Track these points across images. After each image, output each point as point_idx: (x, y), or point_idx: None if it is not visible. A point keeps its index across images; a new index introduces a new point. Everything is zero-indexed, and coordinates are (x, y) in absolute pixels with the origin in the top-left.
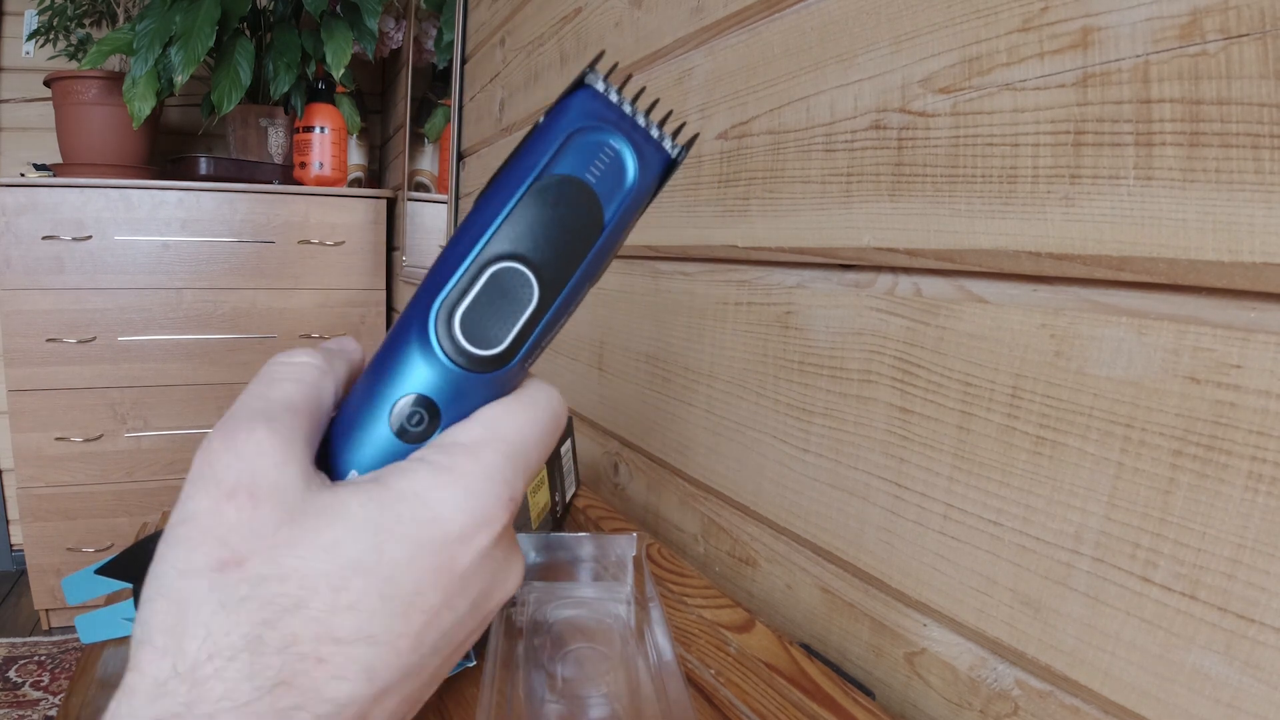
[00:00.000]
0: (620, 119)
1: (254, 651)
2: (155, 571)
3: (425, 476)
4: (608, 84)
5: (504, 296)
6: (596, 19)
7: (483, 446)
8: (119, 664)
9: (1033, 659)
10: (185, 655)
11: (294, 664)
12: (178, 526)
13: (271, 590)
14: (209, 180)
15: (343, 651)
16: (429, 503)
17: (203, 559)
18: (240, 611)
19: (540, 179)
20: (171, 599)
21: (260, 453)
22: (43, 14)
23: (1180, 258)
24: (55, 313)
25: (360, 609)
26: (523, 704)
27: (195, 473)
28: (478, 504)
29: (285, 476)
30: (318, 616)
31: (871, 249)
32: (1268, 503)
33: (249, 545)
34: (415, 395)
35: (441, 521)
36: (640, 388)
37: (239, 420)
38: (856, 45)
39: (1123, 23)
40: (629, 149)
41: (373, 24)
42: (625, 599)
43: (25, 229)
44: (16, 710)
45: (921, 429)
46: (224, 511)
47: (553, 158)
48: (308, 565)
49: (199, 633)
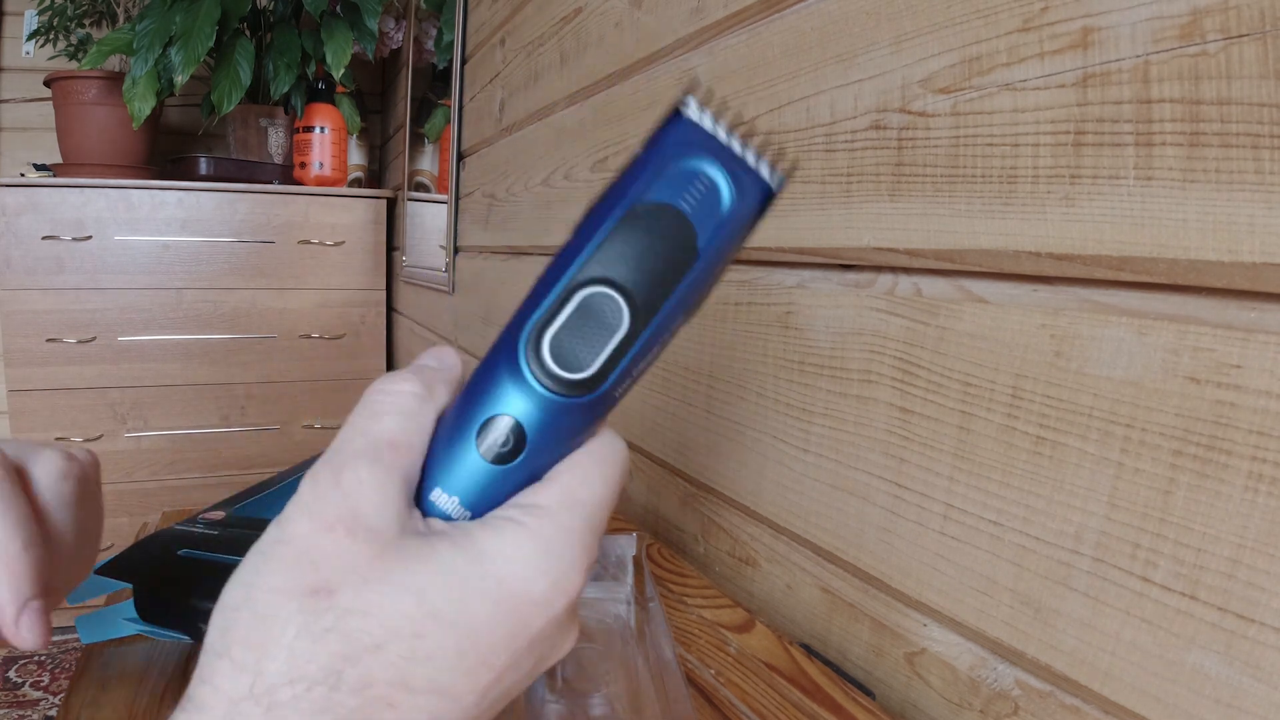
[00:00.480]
0: (716, 146)
1: (331, 686)
2: (244, 582)
3: (512, 537)
4: (703, 111)
5: (593, 321)
6: (596, 19)
7: (564, 511)
8: (119, 664)
9: (1033, 659)
10: (264, 676)
11: (366, 706)
12: (275, 545)
13: (355, 625)
14: (209, 180)
15: (412, 700)
16: (515, 563)
17: (295, 580)
18: (323, 641)
19: (634, 206)
20: (258, 613)
21: (362, 491)
22: (43, 14)
23: (1180, 258)
24: (55, 313)
25: (436, 660)
26: (523, 704)
27: (301, 498)
28: (560, 570)
29: (383, 517)
30: (395, 662)
31: (871, 249)
32: (1268, 503)
33: (341, 577)
34: (503, 416)
35: (526, 586)
36: (640, 388)
37: (345, 457)
38: (856, 45)
39: (1123, 23)
40: (724, 176)
41: (373, 24)
42: (625, 599)
43: (25, 229)
44: (16, 710)
45: (921, 429)
46: (321, 541)
47: (647, 186)
48: (392, 606)
49: (280, 654)
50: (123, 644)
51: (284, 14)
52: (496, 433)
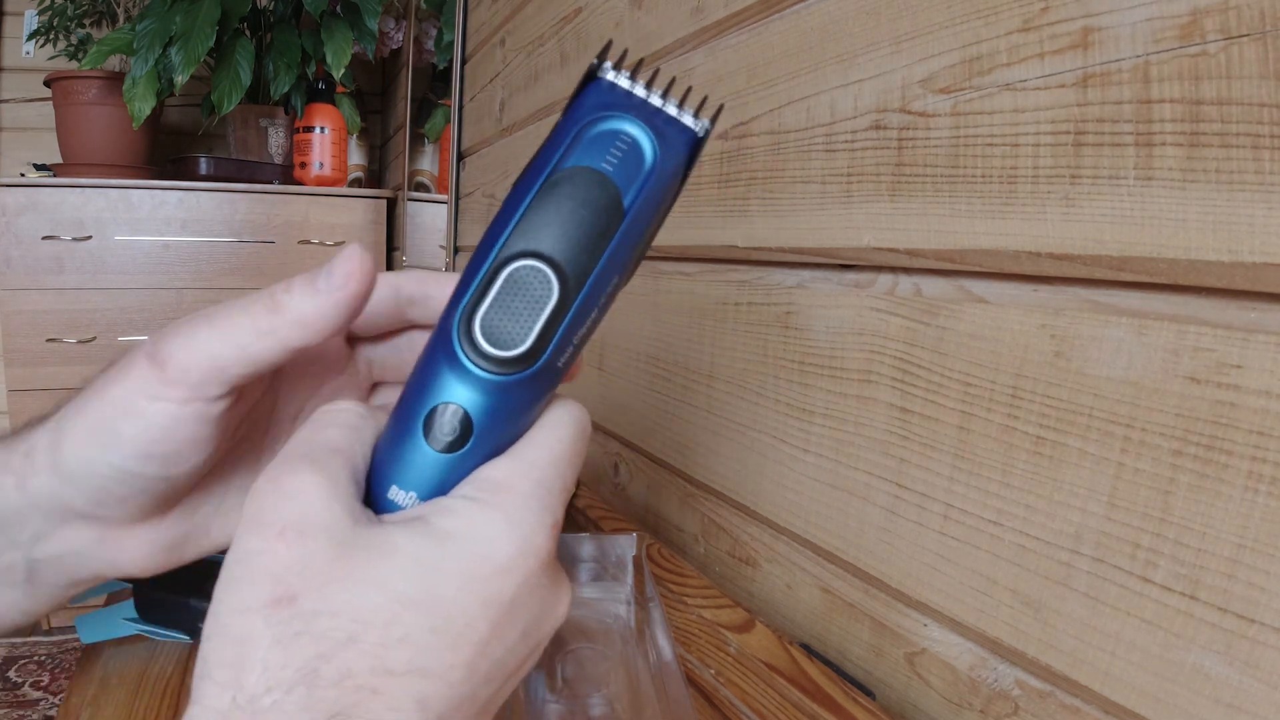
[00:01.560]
0: (633, 103)
1: (310, 684)
2: (214, 610)
3: (466, 512)
4: (617, 71)
5: (521, 295)
6: (596, 19)
7: (517, 477)
8: (119, 664)
9: (1033, 659)
10: (244, 689)
11: (349, 696)
12: (232, 567)
13: (324, 625)
14: (209, 180)
15: (396, 683)
16: (473, 537)
17: (257, 597)
18: (294, 646)
19: (553, 174)
20: (228, 636)
21: (305, 492)
22: (43, 14)
23: (1180, 258)
24: (55, 313)
25: (412, 642)
26: (523, 704)
27: (246, 515)
28: (520, 533)
29: (331, 514)
30: (371, 650)
31: (871, 249)
32: (1268, 503)
33: (302, 582)
34: (447, 405)
35: (487, 554)
36: (640, 388)
37: (284, 463)
38: (856, 45)
39: (1123, 23)
40: (645, 131)
41: (373, 24)
42: (625, 599)
43: (25, 229)
44: (16, 710)
45: (921, 429)
46: (275, 550)
47: (565, 152)
48: (359, 600)
49: (256, 667)
50: (123, 644)
51: (284, 14)
52: (442, 422)
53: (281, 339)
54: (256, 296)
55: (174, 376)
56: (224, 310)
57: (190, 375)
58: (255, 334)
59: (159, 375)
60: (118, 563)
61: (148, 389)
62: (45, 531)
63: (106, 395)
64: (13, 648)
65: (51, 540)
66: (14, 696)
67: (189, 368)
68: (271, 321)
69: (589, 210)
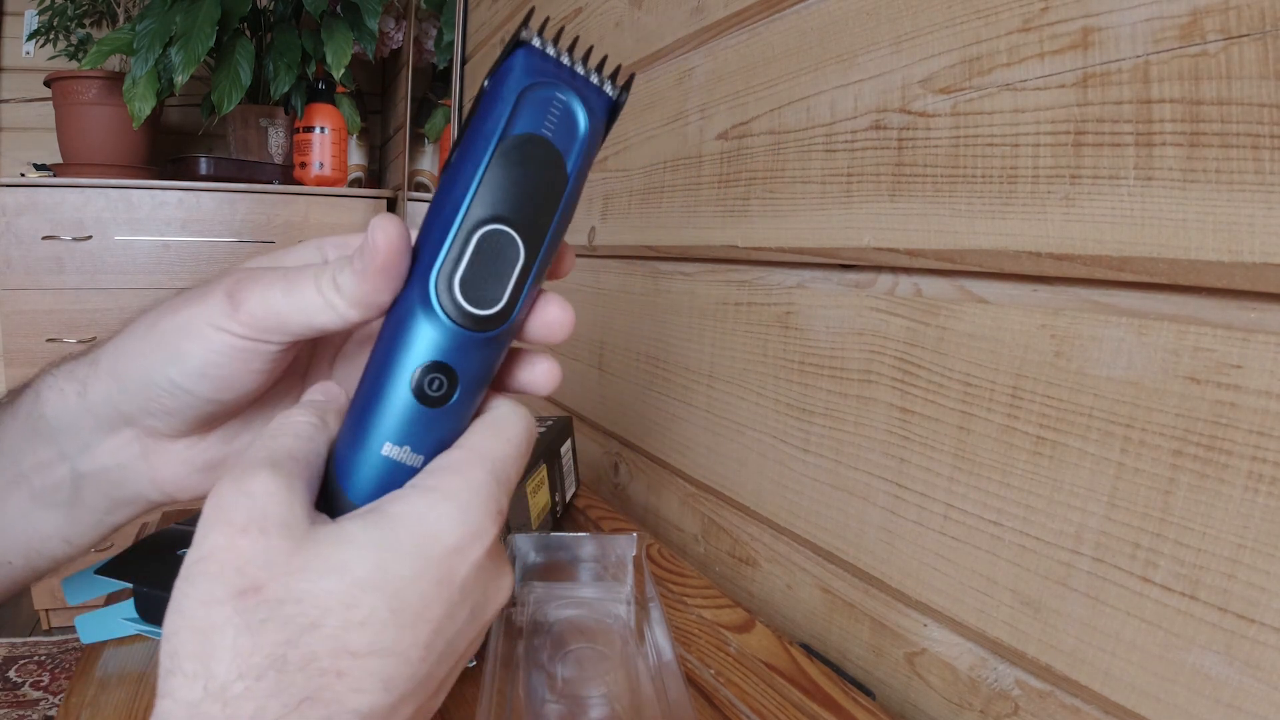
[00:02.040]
0: (562, 71)
1: (279, 670)
2: (177, 607)
3: (419, 499)
4: (544, 39)
5: (495, 258)
6: (596, 19)
7: (468, 466)
8: (119, 664)
9: (1033, 659)
10: (215, 677)
11: (316, 679)
12: (195, 564)
13: (289, 611)
14: (209, 180)
15: (359, 664)
16: (426, 521)
17: (223, 589)
18: (262, 633)
19: (503, 140)
20: (196, 628)
21: (267, 492)
22: (43, 14)
23: (1180, 258)
24: (55, 313)
25: (371, 624)
26: (523, 704)
27: (208, 516)
28: (470, 518)
29: (291, 512)
30: (333, 633)
31: (871, 249)
32: (1268, 503)
33: (265, 573)
34: (431, 362)
35: (439, 537)
36: (640, 388)
37: (245, 466)
38: (857, 45)
39: (1123, 23)
40: (576, 99)
41: (373, 24)
42: (625, 599)
43: (25, 229)
44: (16, 710)
45: (922, 429)
46: (239, 546)
47: (510, 118)
48: (319, 587)
49: (225, 655)
50: (123, 644)
51: (284, 14)
52: (429, 378)
53: (342, 315)
54: (324, 269)
55: (244, 319)
56: (298, 274)
57: (259, 322)
58: (322, 307)
59: (231, 313)
60: (157, 479)
61: (217, 320)
62: (94, 442)
63: (180, 315)
64: (13, 648)
65: (98, 451)
66: (14, 696)
67: (260, 317)
68: (333, 300)
69: (540, 175)
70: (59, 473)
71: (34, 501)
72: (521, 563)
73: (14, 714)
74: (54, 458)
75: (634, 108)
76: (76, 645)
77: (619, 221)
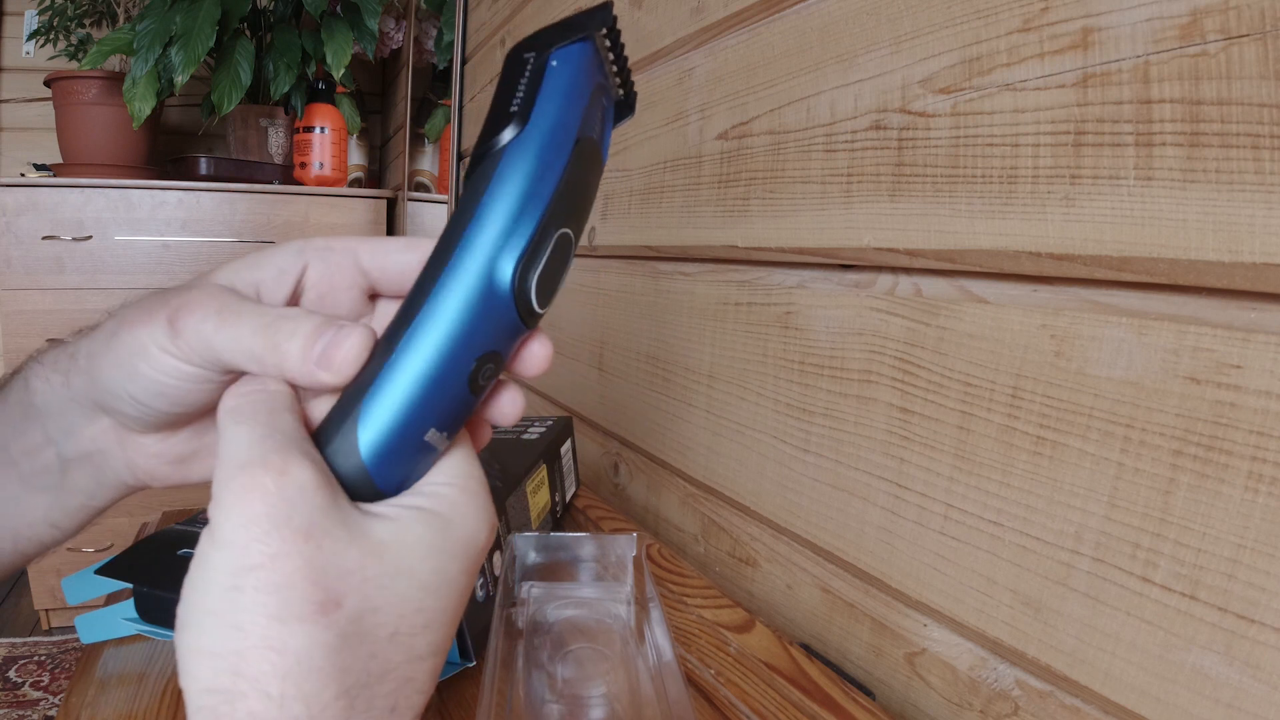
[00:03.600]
0: (604, 73)
1: (365, 685)
2: (242, 621)
3: (460, 500)
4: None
5: (562, 260)
6: None
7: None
8: (119, 664)
9: (1033, 659)
10: (312, 698)
11: (396, 688)
12: (254, 571)
13: (369, 624)
14: (209, 180)
15: (423, 667)
16: (469, 522)
17: (303, 605)
18: (347, 650)
19: (579, 143)
20: (274, 649)
21: (316, 486)
22: (43, 14)
23: (1180, 258)
24: (55, 313)
25: (433, 626)
26: (523, 704)
27: (253, 512)
28: (489, 515)
29: (340, 510)
30: (407, 642)
31: (871, 249)
32: (1268, 503)
33: (341, 584)
34: (492, 353)
35: (477, 537)
36: (640, 388)
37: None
38: (857, 45)
39: (1123, 23)
40: (612, 106)
41: (373, 24)
42: (625, 599)
43: (25, 229)
44: (16, 710)
45: (922, 429)
46: (304, 552)
47: (583, 119)
48: (393, 595)
49: (317, 678)
50: (123, 644)
51: (284, 14)
52: (485, 367)
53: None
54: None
55: (183, 346)
56: (236, 312)
57: (196, 353)
58: (257, 361)
59: (173, 337)
60: (132, 468)
61: (161, 343)
62: (78, 427)
63: (135, 332)
64: (13, 648)
65: (81, 437)
66: (14, 696)
67: (196, 348)
68: (274, 359)
69: (593, 180)
70: (47, 456)
71: (23, 485)
72: (521, 563)
73: (14, 714)
74: (42, 442)
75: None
76: (76, 645)
77: (619, 221)
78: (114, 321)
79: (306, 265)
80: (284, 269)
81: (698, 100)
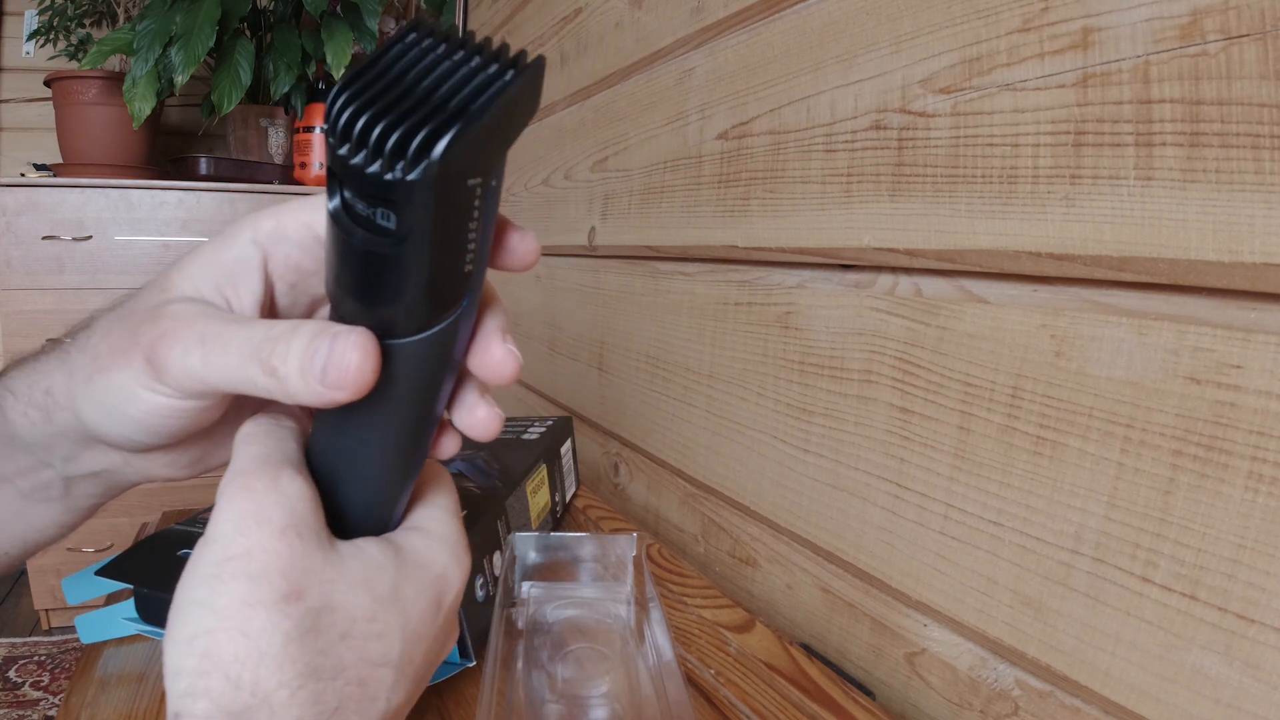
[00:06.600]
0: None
1: (316, 678)
2: (210, 604)
3: (421, 539)
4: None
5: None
6: (596, 19)
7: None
8: (119, 664)
9: (1033, 659)
10: (261, 682)
11: (344, 688)
12: (231, 562)
13: (325, 621)
14: (209, 180)
15: (375, 673)
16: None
17: (267, 592)
18: (304, 641)
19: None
20: (241, 630)
21: (301, 495)
22: (43, 14)
23: (1180, 258)
24: (55, 313)
25: (387, 637)
26: (523, 704)
27: (241, 510)
28: (461, 557)
29: (319, 520)
30: (358, 645)
31: (871, 249)
32: (1268, 503)
33: (305, 580)
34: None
35: (443, 569)
36: (640, 388)
37: (272, 464)
38: (857, 46)
39: (1123, 23)
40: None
41: (373, 24)
42: (625, 599)
43: (25, 229)
44: (16, 710)
45: (922, 429)
46: (278, 548)
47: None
48: (350, 599)
49: (270, 662)
50: (123, 644)
51: (284, 14)
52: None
53: (273, 395)
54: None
55: (170, 383)
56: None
57: (185, 387)
58: (256, 387)
59: (156, 376)
60: (147, 474)
61: (146, 383)
62: (75, 454)
63: (110, 381)
64: (13, 648)
65: (82, 460)
66: (14, 696)
67: (184, 382)
68: (267, 383)
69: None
70: (45, 476)
71: (25, 500)
72: (521, 563)
73: (14, 714)
74: (36, 465)
75: (634, 108)
76: (76, 645)
77: (619, 221)
78: (85, 357)
79: (266, 257)
80: (244, 264)
81: (698, 100)
